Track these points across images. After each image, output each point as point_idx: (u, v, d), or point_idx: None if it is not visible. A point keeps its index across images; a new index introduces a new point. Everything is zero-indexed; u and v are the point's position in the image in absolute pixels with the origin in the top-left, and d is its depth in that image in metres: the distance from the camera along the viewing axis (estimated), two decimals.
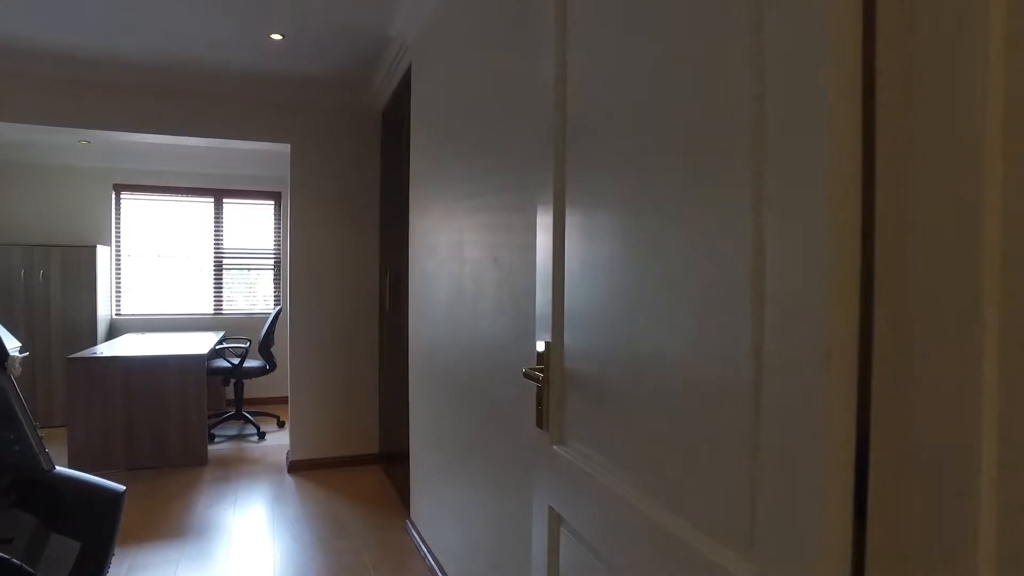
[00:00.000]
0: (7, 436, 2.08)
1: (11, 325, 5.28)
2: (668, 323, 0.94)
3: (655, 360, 0.98)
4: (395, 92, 3.78)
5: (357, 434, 4.37)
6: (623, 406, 1.07)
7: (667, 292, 0.94)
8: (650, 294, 0.99)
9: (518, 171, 1.83)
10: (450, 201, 2.48)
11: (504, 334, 1.89)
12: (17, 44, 3.41)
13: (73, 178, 5.90)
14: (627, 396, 1.06)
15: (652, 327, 0.98)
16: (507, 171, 1.90)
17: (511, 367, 1.86)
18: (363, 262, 4.34)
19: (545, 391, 1.34)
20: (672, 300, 0.93)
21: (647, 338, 1.00)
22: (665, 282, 0.95)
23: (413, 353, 3.12)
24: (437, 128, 2.69)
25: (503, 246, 1.91)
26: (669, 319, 0.93)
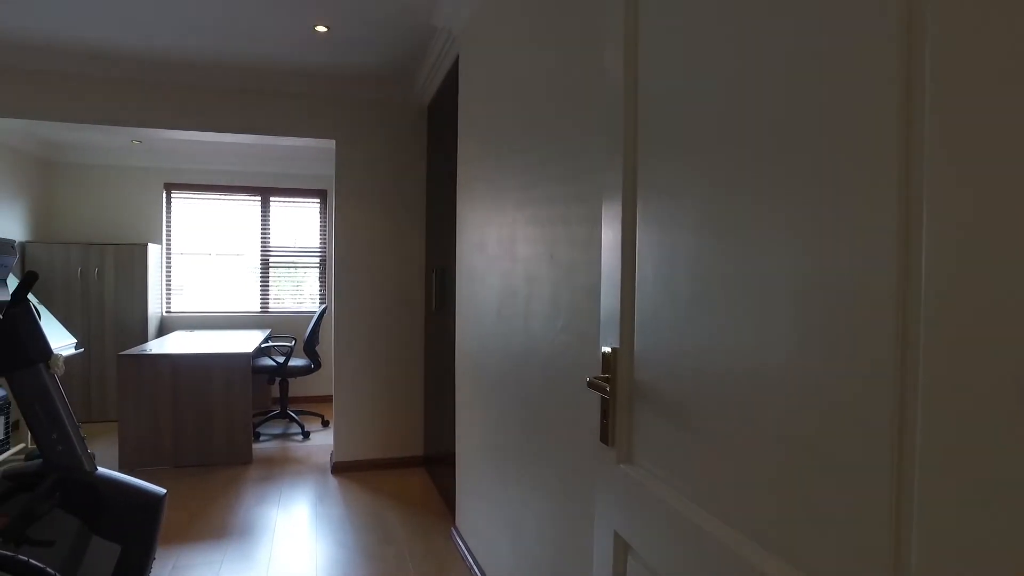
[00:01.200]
0: (51, 436, 2.04)
1: (69, 321, 5.39)
2: (768, 330, 0.79)
3: (750, 373, 0.83)
4: (441, 85, 3.68)
5: (401, 436, 4.29)
6: (707, 424, 0.93)
7: (765, 294, 0.79)
8: (742, 296, 0.84)
9: (577, 160, 1.69)
10: (500, 194, 2.36)
11: (561, 338, 1.76)
12: (70, 45, 3.43)
13: (126, 178, 6.00)
14: (712, 413, 0.91)
15: (745, 334, 0.84)
16: (564, 160, 1.77)
17: (569, 373, 1.72)
18: (409, 260, 4.26)
19: (611, 403, 1.20)
20: (772, 304, 0.78)
21: (738, 347, 0.85)
22: (762, 282, 0.80)
23: (460, 354, 3.01)
24: (486, 119, 2.57)
25: (560, 241, 1.78)
26: (769, 326, 0.78)
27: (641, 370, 1.14)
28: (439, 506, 3.56)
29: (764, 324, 0.80)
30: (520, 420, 2.13)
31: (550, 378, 1.85)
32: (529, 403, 2.04)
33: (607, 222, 1.24)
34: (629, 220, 1.18)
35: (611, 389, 1.19)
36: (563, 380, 1.75)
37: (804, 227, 0.73)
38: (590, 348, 1.58)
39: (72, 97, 3.74)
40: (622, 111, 1.18)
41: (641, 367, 1.14)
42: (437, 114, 3.89)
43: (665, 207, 1.05)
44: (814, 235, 0.72)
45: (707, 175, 0.93)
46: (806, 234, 0.73)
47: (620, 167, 1.19)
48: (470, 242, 2.80)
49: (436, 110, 3.91)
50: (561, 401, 1.77)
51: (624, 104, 1.18)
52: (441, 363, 3.70)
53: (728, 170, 0.88)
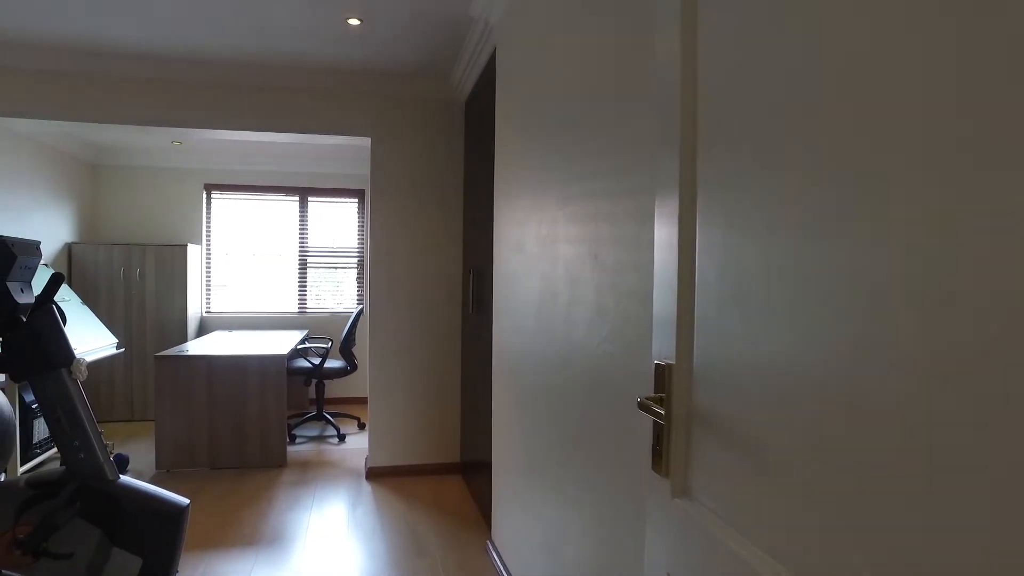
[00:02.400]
0: (73, 443, 1.97)
1: (112, 321, 5.45)
2: (875, 351, 0.62)
3: (848, 403, 0.66)
4: (478, 80, 3.55)
5: (437, 441, 4.17)
6: (788, 462, 0.76)
7: (876, 300, 0.63)
8: (843, 304, 0.68)
9: (624, 153, 1.53)
10: (540, 190, 2.21)
11: (606, 346, 1.60)
12: (107, 47, 3.41)
13: (167, 179, 6.05)
14: (796, 449, 0.75)
15: (843, 354, 0.67)
16: (610, 153, 1.61)
17: (614, 386, 1.56)
18: (445, 260, 4.14)
19: (666, 428, 1.04)
20: (883, 315, 0.61)
21: (835, 371, 0.68)
22: (873, 287, 0.63)
23: (497, 359, 2.88)
24: (524, 112, 2.43)
25: (605, 240, 1.62)
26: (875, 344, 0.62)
27: (702, 390, 0.98)
28: (475, 516, 3.43)
29: (869, 342, 0.63)
30: (561, 432, 1.98)
31: (593, 390, 1.70)
32: (570, 415, 1.89)
33: (661, 219, 1.08)
34: (688, 217, 1.02)
35: (666, 412, 1.03)
36: (608, 393, 1.60)
37: (927, 221, 0.57)
38: (638, 360, 1.42)
39: (112, 98, 3.73)
40: (679, 100, 1.03)
41: (702, 386, 0.98)
42: (474, 110, 3.76)
43: (734, 202, 0.89)
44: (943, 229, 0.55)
45: (789, 167, 0.77)
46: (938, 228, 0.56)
47: (676, 160, 1.03)
48: (508, 242, 2.65)
49: (473, 106, 3.79)
50: (606, 416, 1.61)
51: (681, 92, 1.02)
52: (478, 367, 3.57)
53: (818, 160, 0.72)
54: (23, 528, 1.88)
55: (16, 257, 1.92)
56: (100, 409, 5.44)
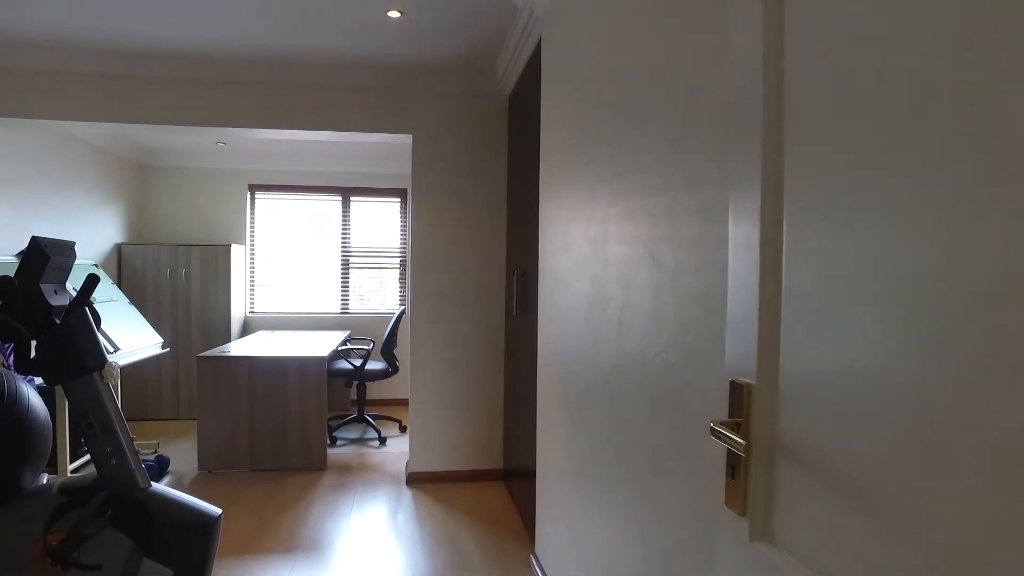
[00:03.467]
0: (105, 449, 1.92)
1: (159, 321, 5.51)
2: None
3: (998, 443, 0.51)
4: (523, 73, 3.42)
5: (480, 447, 4.06)
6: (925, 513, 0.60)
7: None
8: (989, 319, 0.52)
9: (684, 142, 1.37)
10: (589, 187, 2.06)
11: (665, 357, 1.45)
12: (151, 48, 3.40)
13: (212, 179, 6.10)
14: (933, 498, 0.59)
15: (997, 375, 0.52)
16: (667, 144, 1.46)
17: (674, 400, 1.41)
18: (489, 261, 4.03)
19: (746, 459, 0.89)
20: None
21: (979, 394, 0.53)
22: None
23: (543, 365, 2.74)
24: (571, 104, 2.28)
25: (663, 239, 1.47)
26: None
27: (790, 415, 0.82)
28: (517, 527, 3.30)
29: None
30: (612, 445, 1.83)
31: (650, 402, 1.54)
32: (623, 428, 1.74)
33: (737, 215, 0.93)
34: (772, 213, 0.87)
35: (744, 440, 0.88)
36: (667, 407, 1.44)
37: None
38: (703, 373, 1.26)
39: (157, 100, 3.73)
40: (761, 83, 0.87)
41: (790, 411, 0.82)
42: (518, 105, 3.63)
43: (835, 197, 0.73)
44: None
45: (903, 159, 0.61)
46: None
47: (758, 150, 0.88)
48: (554, 242, 2.51)
49: (517, 101, 3.66)
50: (664, 432, 1.45)
51: (764, 75, 0.87)
52: (522, 371, 3.44)
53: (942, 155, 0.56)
54: (55, 536, 1.83)
55: (49, 258, 1.88)
56: (147, 408, 5.51)
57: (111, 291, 4.56)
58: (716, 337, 1.22)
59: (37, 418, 1.99)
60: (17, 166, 4.26)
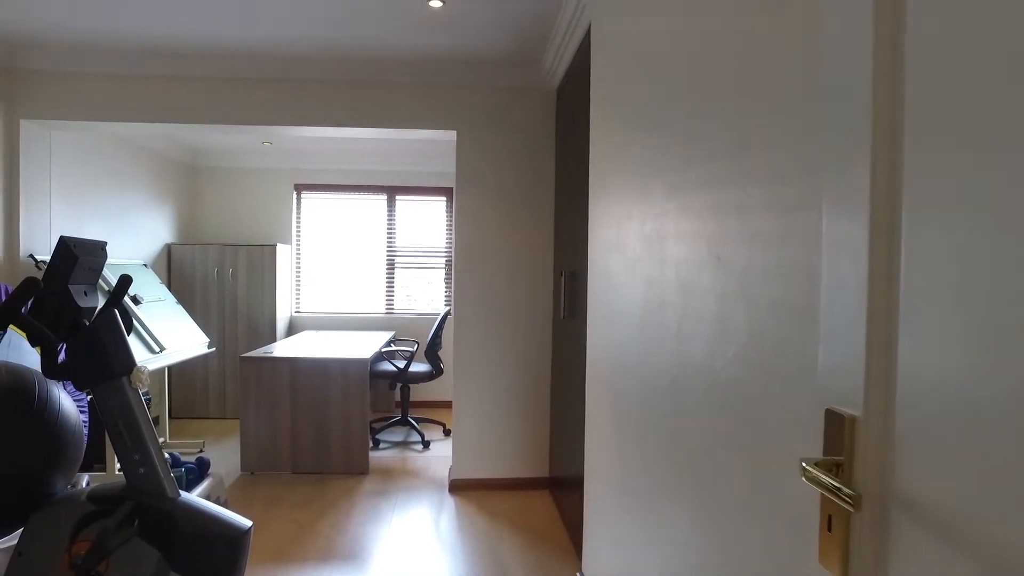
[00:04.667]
0: (133, 457, 1.84)
1: (207, 320, 5.54)
2: None
3: None
4: (571, 64, 3.26)
5: (524, 455, 3.91)
6: None
7: None
8: None
9: (759, 125, 1.19)
10: (643, 180, 1.89)
11: (733, 370, 1.27)
12: (190, 47, 3.37)
13: (258, 179, 6.12)
14: None
15: None
16: (737, 128, 1.28)
17: (744, 418, 1.23)
18: (535, 261, 3.87)
19: (852, 515, 0.71)
20: None
21: None
22: None
23: (592, 371, 2.58)
24: (624, 91, 2.11)
25: (731, 237, 1.29)
26: None
27: (913, 459, 0.65)
28: (563, 541, 3.13)
29: None
30: (669, 464, 1.65)
31: (713, 420, 1.37)
32: (681, 446, 1.56)
33: (836, 210, 0.76)
34: (884, 207, 0.69)
35: (848, 487, 0.70)
36: (733, 427, 1.26)
37: None
38: (781, 392, 1.08)
39: (201, 99, 3.71)
40: (870, 59, 0.70)
41: (913, 453, 0.65)
42: (566, 98, 3.47)
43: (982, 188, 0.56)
44: None
45: None
46: None
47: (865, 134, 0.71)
48: (605, 241, 2.34)
49: (565, 94, 3.49)
50: (731, 455, 1.27)
51: (875, 49, 0.70)
52: (570, 376, 3.28)
53: None
54: (81, 545, 1.77)
55: (78, 258, 1.81)
56: (195, 407, 5.55)
57: (159, 291, 4.58)
58: (797, 350, 1.04)
59: (68, 422, 1.93)
60: (71, 168, 4.31)
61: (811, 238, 1.00)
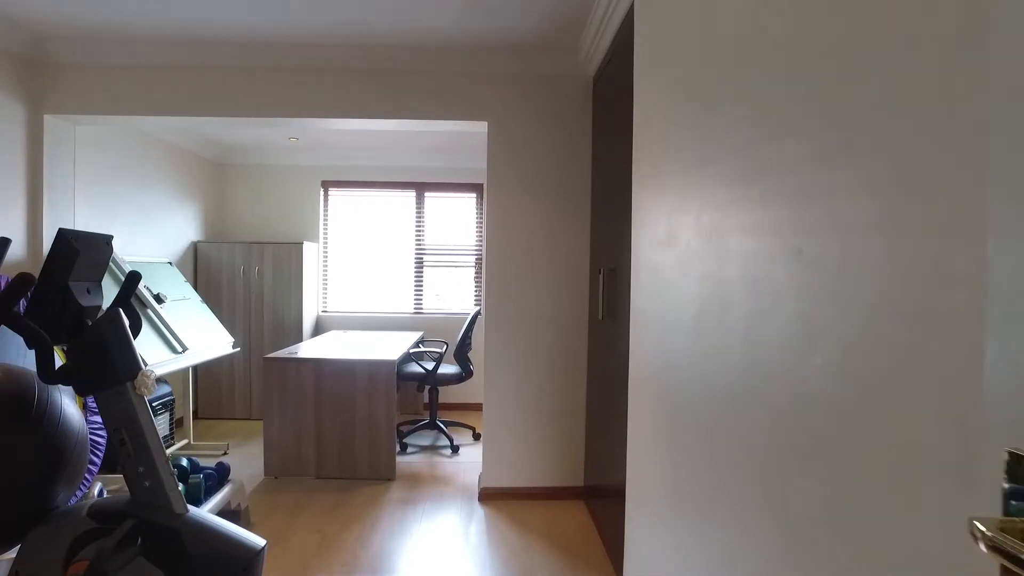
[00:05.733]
0: (138, 469, 1.69)
1: (233, 319, 5.45)
2: None
3: None
4: (610, 49, 3.05)
5: (558, 462, 3.71)
6: None
7: None
8: None
9: (849, 97, 0.98)
10: (698, 167, 1.68)
11: (820, 384, 1.05)
12: (212, 35, 3.25)
13: (285, 176, 6.02)
14: None
15: None
16: (823, 100, 1.06)
17: (834, 443, 1.02)
18: (571, 258, 3.67)
19: None
20: None
21: None
22: None
23: (635, 376, 2.37)
24: (674, 70, 1.90)
25: (817, 228, 1.07)
26: None
27: None
28: (599, 556, 2.93)
29: None
30: (730, 488, 1.44)
31: (793, 443, 1.15)
32: (748, 469, 1.35)
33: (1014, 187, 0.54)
34: None
35: None
36: (821, 454, 1.05)
37: None
38: (897, 415, 0.87)
39: (226, 92, 3.58)
40: None
41: None
42: (603, 86, 3.26)
43: None
44: None
45: None
46: None
47: None
48: (652, 235, 2.13)
49: (603, 81, 3.28)
50: (817, 487, 1.06)
51: None
52: (608, 381, 3.07)
53: None
54: (78, 566, 1.63)
55: (79, 253, 1.67)
56: (220, 408, 5.46)
57: (184, 289, 4.49)
58: (916, 362, 0.82)
59: (71, 429, 1.79)
60: (96, 165, 4.24)
61: (932, 226, 0.79)
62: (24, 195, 3.50)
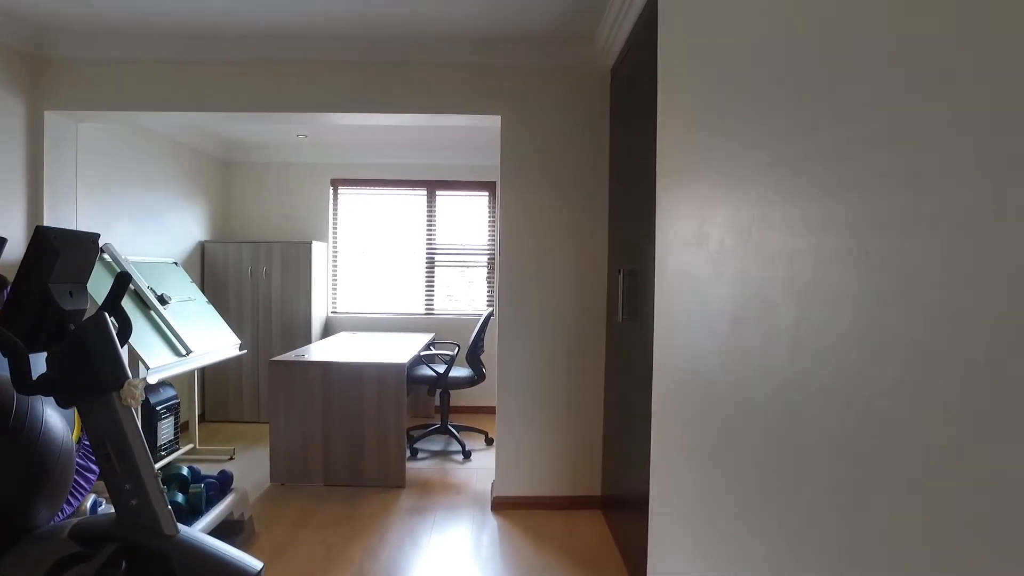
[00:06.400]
0: (124, 487, 1.56)
1: (240, 320, 5.35)
2: None
3: None
4: (629, 38, 2.89)
5: (574, 470, 3.56)
6: None
7: None
8: None
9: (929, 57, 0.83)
10: (735, 157, 1.52)
11: (888, 403, 0.89)
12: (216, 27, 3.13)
13: (294, 174, 5.91)
14: None
15: None
16: (899, 70, 0.91)
17: (910, 475, 0.86)
18: (587, 257, 3.51)
19: None
20: None
21: None
22: None
23: (660, 383, 2.21)
24: (705, 57, 1.75)
25: (891, 221, 0.92)
26: None
27: None
28: (617, 568, 2.77)
29: None
30: (784, 502, 1.29)
31: (854, 471, 1.00)
32: (796, 498, 1.20)
33: None
34: None
35: None
36: (889, 485, 0.90)
37: None
38: (991, 449, 0.71)
39: (234, 85, 3.46)
40: None
41: None
42: (622, 77, 3.10)
43: None
44: None
45: None
46: None
47: None
48: (679, 234, 1.98)
49: (621, 72, 3.13)
50: (912, 526, 0.91)
51: None
52: (628, 386, 2.92)
53: None
54: None
55: (59, 252, 1.54)
56: (228, 410, 5.36)
57: (189, 290, 4.38)
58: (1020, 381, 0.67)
59: (53, 441, 1.66)
60: (99, 163, 4.14)
61: None
62: (24, 194, 3.40)
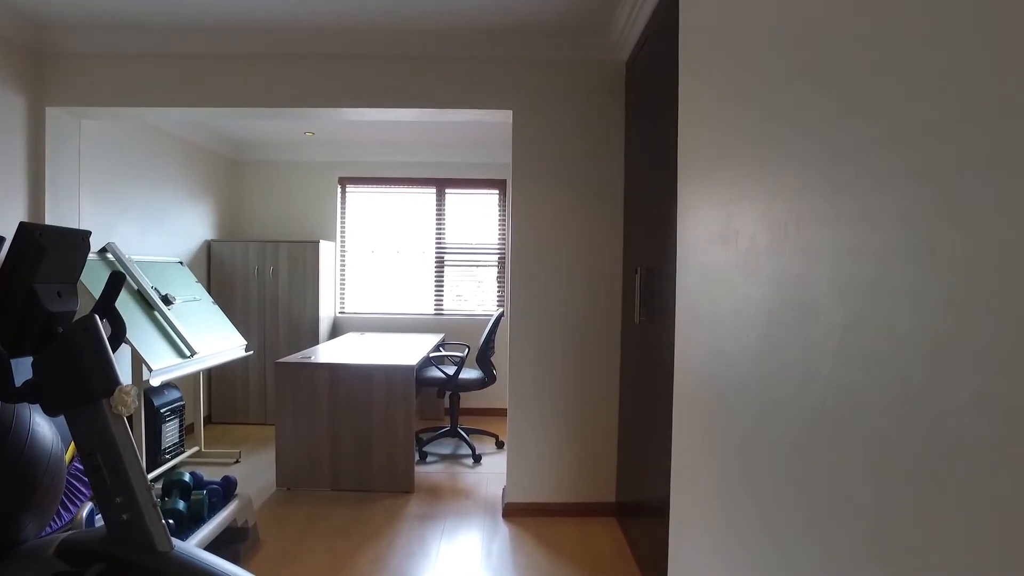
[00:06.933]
0: (114, 499, 1.47)
1: (247, 321, 5.27)
2: None
3: None
4: (645, 30, 2.78)
5: (588, 476, 3.44)
6: None
7: None
8: None
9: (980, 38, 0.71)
10: (766, 147, 1.41)
11: (967, 423, 0.78)
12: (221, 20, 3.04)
13: (302, 173, 5.82)
14: None
15: None
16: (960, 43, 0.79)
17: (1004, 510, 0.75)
18: (601, 257, 3.40)
19: None
20: None
21: None
22: None
23: (682, 387, 2.10)
24: (737, 36, 1.63)
25: (962, 216, 0.80)
26: None
27: None
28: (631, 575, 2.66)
29: None
30: (830, 524, 1.17)
31: (924, 498, 0.88)
32: (853, 521, 1.08)
33: None
34: None
35: None
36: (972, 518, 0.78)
37: None
38: None
39: (239, 80, 3.37)
40: None
41: None
42: (639, 70, 2.98)
43: None
44: None
45: None
46: None
47: None
48: (703, 231, 1.86)
49: (637, 65, 3.01)
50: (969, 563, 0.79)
51: None
52: (645, 389, 2.80)
53: None
54: None
55: (45, 251, 1.45)
56: (235, 412, 5.28)
57: (195, 290, 4.30)
58: None
59: (41, 450, 1.56)
60: (103, 161, 4.06)
61: None
62: (25, 192, 3.33)
